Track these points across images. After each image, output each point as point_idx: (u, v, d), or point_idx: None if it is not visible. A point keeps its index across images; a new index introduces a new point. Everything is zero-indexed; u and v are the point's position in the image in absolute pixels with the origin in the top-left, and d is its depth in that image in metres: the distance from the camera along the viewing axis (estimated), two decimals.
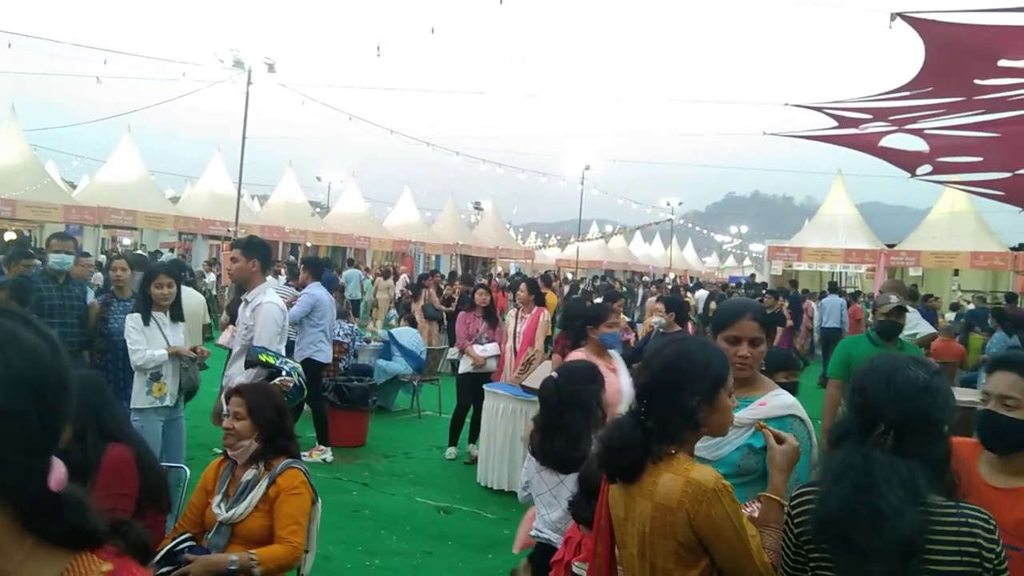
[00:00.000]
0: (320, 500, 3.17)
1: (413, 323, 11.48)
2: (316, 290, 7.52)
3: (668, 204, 48.96)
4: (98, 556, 0.92)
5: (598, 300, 9.84)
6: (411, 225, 33.50)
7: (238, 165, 21.90)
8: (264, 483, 2.87)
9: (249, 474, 2.91)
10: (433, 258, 33.08)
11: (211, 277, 19.21)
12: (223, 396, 4.79)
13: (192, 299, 6.65)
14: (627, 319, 9.58)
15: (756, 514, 2.11)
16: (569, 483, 3.28)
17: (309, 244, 30.00)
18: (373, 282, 20.65)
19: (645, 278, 31.48)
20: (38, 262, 7.14)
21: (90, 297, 6.52)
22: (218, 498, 2.93)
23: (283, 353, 5.12)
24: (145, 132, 29.76)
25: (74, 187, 28.50)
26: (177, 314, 5.23)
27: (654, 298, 10.49)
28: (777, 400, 2.49)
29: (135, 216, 22.97)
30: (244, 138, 21.30)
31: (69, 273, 6.23)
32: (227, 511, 2.86)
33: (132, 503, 2.85)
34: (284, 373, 4.74)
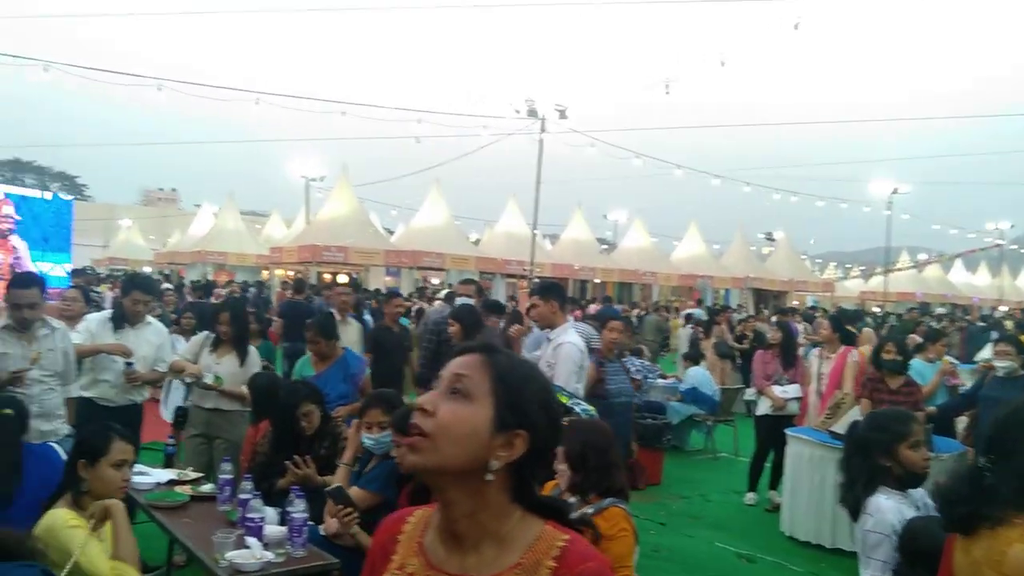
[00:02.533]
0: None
1: (696, 360, 10.96)
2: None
3: (996, 227, 43.20)
4: (560, 531, 1.24)
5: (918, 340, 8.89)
6: (698, 258, 32.89)
7: (532, 208, 23.15)
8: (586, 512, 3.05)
9: (571, 498, 3.11)
10: (722, 292, 32.16)
11: None
12: None
13: None
14: (952, 361, 8.50)
15: None
16: (865, 542, 2.98)
17: (597, 280, 30.72)
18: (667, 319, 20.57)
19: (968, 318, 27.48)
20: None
21: None
22: None
23: (581, 392, 5.26)
24: (450, 182, 32.73)
25: (391, 233, 32.08)
26: None
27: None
28: None
29: (443, 258, 25.26)
30: (539, 183, 22.47)
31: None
32: None
33: None
34: (575, 413, 4.82)
